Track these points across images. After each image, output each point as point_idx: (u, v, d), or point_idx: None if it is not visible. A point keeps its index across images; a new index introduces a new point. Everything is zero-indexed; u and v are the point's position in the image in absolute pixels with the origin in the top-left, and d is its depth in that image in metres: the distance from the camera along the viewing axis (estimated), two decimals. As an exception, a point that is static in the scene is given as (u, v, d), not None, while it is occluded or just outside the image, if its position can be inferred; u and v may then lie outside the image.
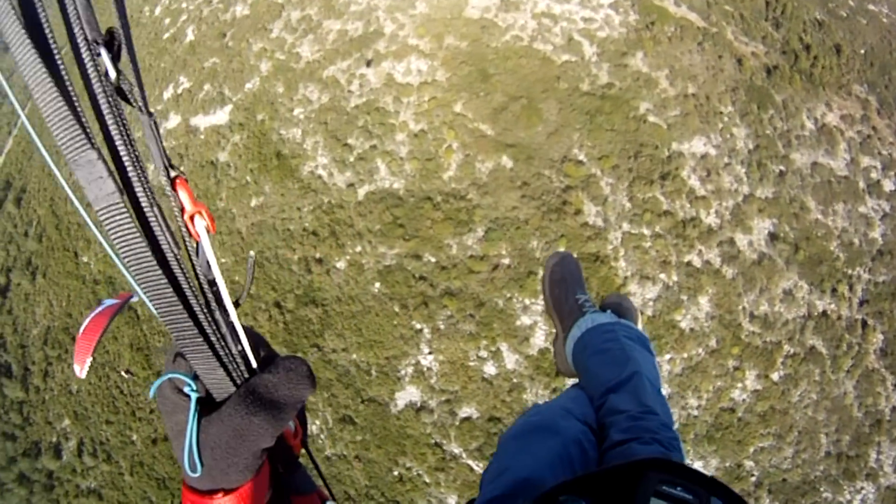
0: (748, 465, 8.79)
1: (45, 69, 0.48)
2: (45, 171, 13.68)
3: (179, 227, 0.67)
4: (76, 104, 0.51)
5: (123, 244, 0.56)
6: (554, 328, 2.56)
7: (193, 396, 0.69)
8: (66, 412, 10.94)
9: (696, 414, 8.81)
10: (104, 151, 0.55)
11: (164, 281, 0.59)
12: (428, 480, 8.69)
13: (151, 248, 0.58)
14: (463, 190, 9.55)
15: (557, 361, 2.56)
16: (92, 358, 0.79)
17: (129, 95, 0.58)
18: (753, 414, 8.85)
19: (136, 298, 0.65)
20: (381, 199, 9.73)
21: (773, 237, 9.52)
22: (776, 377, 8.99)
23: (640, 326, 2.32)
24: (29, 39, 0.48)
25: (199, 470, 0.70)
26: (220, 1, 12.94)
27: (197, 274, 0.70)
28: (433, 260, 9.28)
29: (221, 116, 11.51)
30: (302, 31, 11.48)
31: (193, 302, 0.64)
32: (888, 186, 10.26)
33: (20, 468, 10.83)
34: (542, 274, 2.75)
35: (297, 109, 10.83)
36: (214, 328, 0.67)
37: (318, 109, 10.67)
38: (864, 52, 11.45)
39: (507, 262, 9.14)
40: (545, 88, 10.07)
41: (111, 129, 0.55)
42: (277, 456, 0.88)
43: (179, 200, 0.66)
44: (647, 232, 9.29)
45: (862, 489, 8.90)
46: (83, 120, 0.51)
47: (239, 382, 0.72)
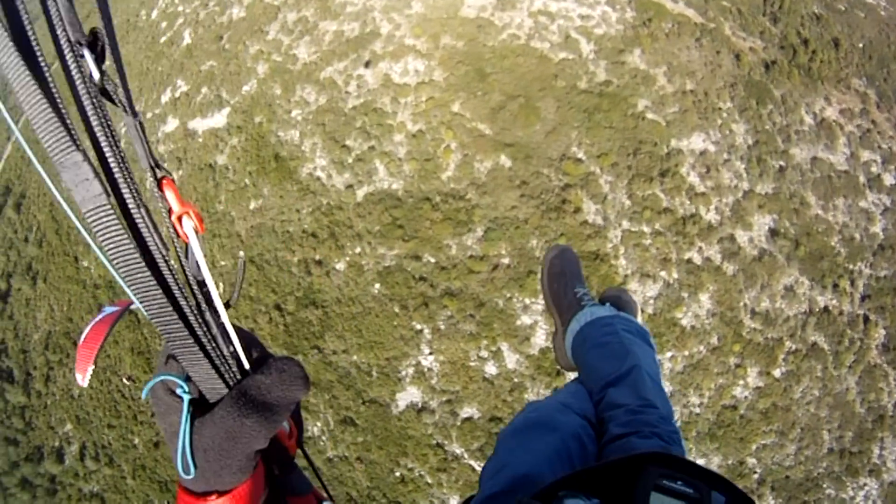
0: (751, 462, 8.77)
1: (28, 71, 0.48)
2: (52, 171, 13.65)
3: (168, 228, 0.67)
4: (61, 106, 0.50)
5: (111, 246, 0.56)
6: (554, 323, 2.55)
7: (185, 398, 0.69)
8: (68, 416, 10.95)
9: (697, 412, 8.79)
10: (92, 154, 0.55)
11: (153, 283, 0.59)
12: (430, 481, 8.68)
13: (140, 249, 0.58)
14: (462, 190, 9.54)
15: (557, 356, 2.55)
16: (93, 366, 0.79)
17: (113, 96, 0.58)
18: (755, 411, 8.83)
19: (136, 305, 0.65)
20: (379, 200, 9.72)
21: (773, 233, 9.49)
22: (778, 374, 8.96)
23: (639, 320, 2.31)
24: (11, 41, 0.47)
25: (192, 472, 0.70)
26: (216, 4, 12.93)
27: (187, 275, 0.70)
28: (433, 260, 9.27)
29: (219, 119, 11.49)
30: (298, 32, 11.46)
31: (183, 303, 0.63)
32: (888, 180, 10.23)
33: (23, 473, 10.84)
34: (540, 268, 2.75)
35: (294, 111, 10.81)
36: (205, 329, 0.67)
37: (315, 111, 10.66)
38: (862, 45, 11.42)
39: (506, 261, 9.12)
40: (543, 87, 10.05)
41: (96, 130, 0.55)
42: (272, 457, 0.88)
43: (167, 201, 0.66)
44: (646, 229, 9.27)
45: (865, 485, 8.88)
46: (68, 122, 0.50)
47: (231, 384, 0.72)
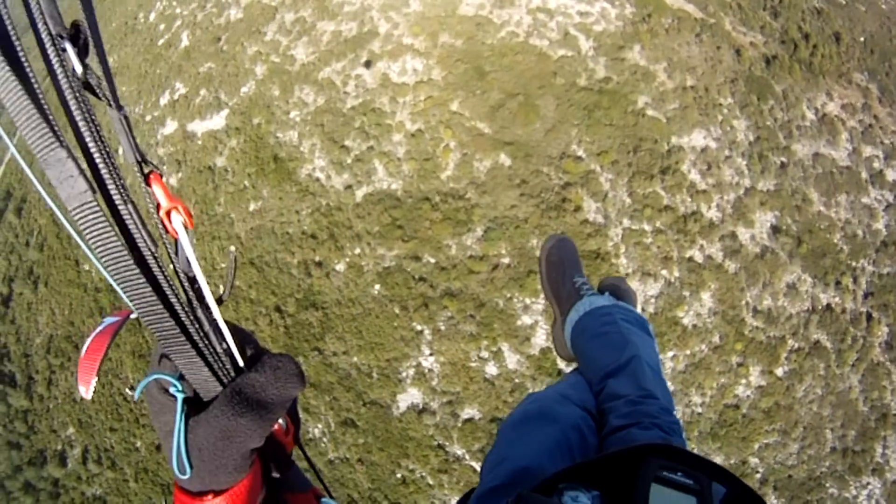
0: (753, 461, 8.73)
1: (8, 66, 0.47)
2: (44, 179, 13.57)
3: (156, 224, 0.66)
4: (42, 101, 0.49)
5: (99, 244, 0.55)
6: (553, 314, 2.53)
7: (179, 397, 0.68)
8: (70, 420, 10.99)
9: (699, 411, 8.75)
10: (78, 152, 0.54)
11: (142, 280, 0.58)
12: (431, 482, 8.68)
13: (128, 246, 0.57)
14: (461, 189, 9.49)
15: (556, 346, 2.53)
16: (97, 378, 0.78)
17: (97, 90, 0.57)
18: (758, 410, 8.78)
19: (136, 314, 0.64)
20: (379, 200, 9.68)
21: (775, 230, 9.42)
22: (780, 373, 8.91)
23: (638, 308, 2.29)
24: None
25: (188, 472, 0.69)
26: (213, 5, 12.89)
27: (177, 271, 0.69)
28: (432, 261, 9.24)
29: (218, 121, 11.48)
30: (296, 33, 11.42)
31: (174, 300, 0.62)
32: (891, 176, 10.13)
33: (26, 476, 10.90)
34: (538, 255, 2.74)
35: (293, 112, 10.78)
36: (197, 326, 0.66)
37: (314, 112, 10.62)
38: (863, 39, 11.30)
39: (506, 261, 9.08)
40: (542, 84, 9.99)
41: (80, 125, 0.54)
42: (269, 455, 0.87)
43: (154, 196, 0.65)
44: (647, 227, 9.21)
45: (868, 484, 8.83)
46: (50, 117, 0.49)
47: (225, 381, 0.71)
